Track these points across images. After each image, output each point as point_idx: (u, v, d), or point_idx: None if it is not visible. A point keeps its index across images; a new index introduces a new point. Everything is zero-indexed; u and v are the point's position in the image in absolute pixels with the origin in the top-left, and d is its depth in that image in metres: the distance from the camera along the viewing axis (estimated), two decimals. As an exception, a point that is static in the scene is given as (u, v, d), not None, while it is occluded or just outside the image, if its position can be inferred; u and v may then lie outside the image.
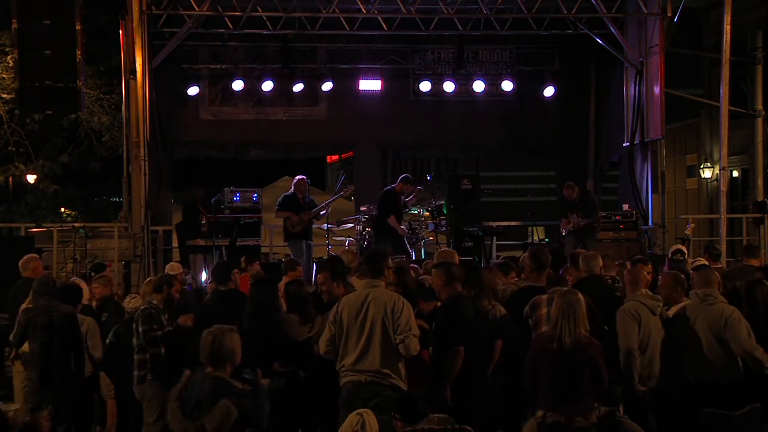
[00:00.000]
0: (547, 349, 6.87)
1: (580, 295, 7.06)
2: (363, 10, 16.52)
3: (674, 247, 11.98)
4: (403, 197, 15.51)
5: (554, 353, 6.80)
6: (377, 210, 15.57)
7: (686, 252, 11.91)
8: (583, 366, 6.79)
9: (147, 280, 10.15)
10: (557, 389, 6.78)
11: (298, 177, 15.42)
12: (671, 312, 8.06)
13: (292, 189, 15.41)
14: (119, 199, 22.56)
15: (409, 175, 16.13)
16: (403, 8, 16.62)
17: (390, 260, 8.02)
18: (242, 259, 12.24)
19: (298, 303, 8.50)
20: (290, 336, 8.24)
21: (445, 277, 7.71)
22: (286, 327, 8.28)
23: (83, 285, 10.27)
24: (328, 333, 7.42)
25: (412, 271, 9.32)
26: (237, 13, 16.60)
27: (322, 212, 15.45)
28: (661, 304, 8.06)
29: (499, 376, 7.94)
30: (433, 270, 8.02)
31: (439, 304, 7.91)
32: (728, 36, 15.22)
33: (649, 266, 9.79)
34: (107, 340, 9.62)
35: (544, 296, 7.53)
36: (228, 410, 5.98)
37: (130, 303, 9.80)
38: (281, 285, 9.25)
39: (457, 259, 8.92)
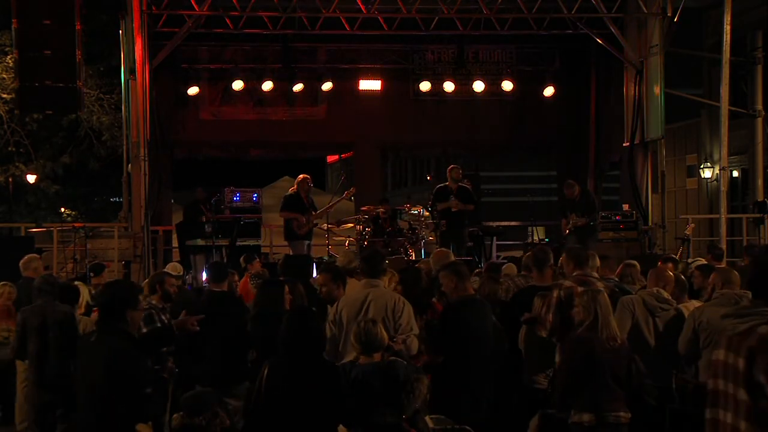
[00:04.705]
0: (591, 350, 6.58)
1: (605, 292, 6.89)
2: (363, 10, 16.52)
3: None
4: (448, 187, 15.23)
5: (600, 354, 6.55)
6: None
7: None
8: (623, 365, 6.62)
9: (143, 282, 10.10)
10: (600, 390, 6.55)
11: (301, 176, 15.22)
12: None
13: (295, 188, 15.25)
14: (119, 199, 22.56)
15: (455, 166, 15.67)
16: (403, 8, 16.62)
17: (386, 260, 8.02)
18: (242, 258, 12.23)
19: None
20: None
21: (454, 278, 7.59)
22: None
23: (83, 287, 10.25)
24: (329, 333, 7.36)
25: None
26: (237, 13, 16.60)
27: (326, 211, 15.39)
28: (672, 307, 7.93)
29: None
30: (441, 273, 7.88)
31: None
32: (728, 36, 15.21)
33: (670, 265, 9.73)
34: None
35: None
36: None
37: None
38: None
39: (452, 258, 8.87)
